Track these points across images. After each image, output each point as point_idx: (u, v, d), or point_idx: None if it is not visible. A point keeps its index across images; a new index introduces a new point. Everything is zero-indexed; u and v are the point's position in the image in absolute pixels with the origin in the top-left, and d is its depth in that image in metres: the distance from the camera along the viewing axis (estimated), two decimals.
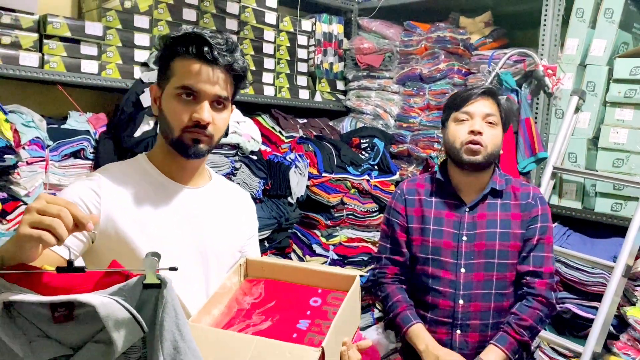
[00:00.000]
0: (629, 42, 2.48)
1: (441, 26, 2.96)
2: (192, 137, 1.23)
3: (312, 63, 3.17)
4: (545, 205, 1.81)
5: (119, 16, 2.32)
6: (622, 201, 2.30)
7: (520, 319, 1.71)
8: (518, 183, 1.86)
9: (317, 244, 2.65)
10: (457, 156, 1.77)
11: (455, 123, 1.79)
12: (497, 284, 1.75)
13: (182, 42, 1.22)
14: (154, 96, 1.28)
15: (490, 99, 1.79)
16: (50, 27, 2.09)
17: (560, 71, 2.50)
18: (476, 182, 1.81)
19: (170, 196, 1.28)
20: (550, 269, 1.76)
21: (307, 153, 2.71)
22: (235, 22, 2.71)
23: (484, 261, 1.75)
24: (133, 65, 2.36)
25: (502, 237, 1.76)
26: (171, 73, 1.23)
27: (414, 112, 3.05)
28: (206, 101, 1.22)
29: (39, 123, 2.10)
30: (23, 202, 1.99)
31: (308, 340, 1.16)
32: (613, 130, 2.33)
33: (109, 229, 1.20)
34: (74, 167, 2.16)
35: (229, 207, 1.40)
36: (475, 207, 1.79)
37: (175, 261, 1.19)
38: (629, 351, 1.99)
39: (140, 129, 2.22)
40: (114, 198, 1.21)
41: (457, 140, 1.76)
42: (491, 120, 1.77)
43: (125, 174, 1.27)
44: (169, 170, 1.30)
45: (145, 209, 1.24)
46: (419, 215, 1.83)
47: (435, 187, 1.86)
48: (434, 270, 1.78)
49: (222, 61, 1.21)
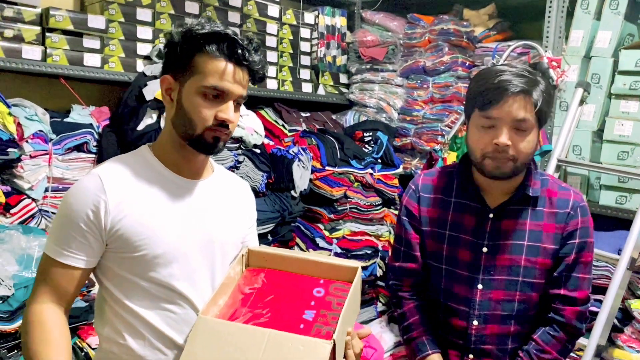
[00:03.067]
0: (634, 34, 2.46)
1: (445, 18, 2.94)
2: (214, 136, 1.22)
3: (315, 56, 3.16)
4: (586, 217, 1.50)
5: (121, 9, 2.31)
6: (626, 194, 2.29)
7: (542, 350, 1.47)
8: (556, 185, 1.53)
9: (321, 237, 2.64)
10: (479, 167, 1.46)
11: (477, 129, 1.43)
12: (519, 306, 1.49)
13: (211, 40, 1.19)
14: (167, 87, 1.25)
15: (524, 99, 1.38)
16: (53, 20, 2.09)
17: (565, 63, 2.49)
18: (504, 186, 1.50)
19: (174, 190, 1.27)
20: (585, 293, 1.48)
21: (310, 147, 2.71)
22: (238, 15, 2.70)
23: (505, 278, 1.48)
24: (136, 58, 2.35)
25: (530, 251, 1.47)
26: (195, 69, 1.20)
27: (417, 105, 3.04)
28: (231, 101, 1.22)
29: (42, 116, 2.10)
30: (27, 195, 2.00)
31: (315, 331, 1.16)
32: (618, 123, 2.31)
33: (119, 230, 1.19)
34: (77, 161, 2.16)
35: (231, 198, 1.40)
36: (501, 213, 1.50)
37: (181, 255, 1.24)
38: (633, 344, 1.99)
39: (143, 122, 2.22)
40: (119, 197, 1.20)
41: (477, 149, 1.43)
42: (524, 126, 1.39)
43: (128, 169, 1.25)
44: (175, 164, 1.28)
45: (150, 204, 1.23)
46: (434, 217, 1.56)
47: (456, 185, 1.56)
48: (447, 283, 1.54)
49: (251, 63, 1.22)
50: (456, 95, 2.84)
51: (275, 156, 2.58)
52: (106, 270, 1.24)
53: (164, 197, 1.25)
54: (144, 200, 1.22)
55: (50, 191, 2.09)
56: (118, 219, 1.18)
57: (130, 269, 1.21)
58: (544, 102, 1.40)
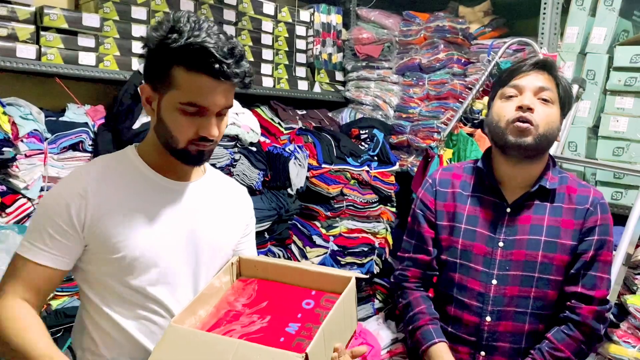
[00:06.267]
0: (629, 30, 2.47)
1: (440, 15, 2.94)
2: (197, 149, 1.18)
3: (310, 54, 3.16)
4: (606, 214, 1.50)
5: (116, 7, 2.30)
6: (622, 190, 2.30)
7: (555, 349, 1.43)
8: (575, 182, 1.54)
9: (317, 235, 2.64)
10: (501, 138, 1.47)
11: (501, 100, 1.50)
12: (535, 303, 1.47)
13: (186, 53, 1.10)
14: (147, 96, 1.19)
15: (546, 73, 1.49)
16: (47, 19, 2.08)
17: (560, 60, 2.49)
18: (523, 175, 1.51)
19: (158, 191, 1.23)
20: (603, 292, 1.46)
21: (306, 144, 2.70)
22: (233, 13, 2.70)
23: (521, 274, 1.47)
24: (131, 56, 2.34)
25: (547, 247, 1.46)
26: (173, 83, 1.13)
27: (413, 102, 3.04)
28: (213, 116, 1.16)
29: (37, 115, 2.09)
30: (22, 195, 1.99)
31: (296, 345, 1.10)
32: (613, 119, 2.32)
33: (97, 230, 1.16)
34: (72, 160, 2.16)
35: (222, 201, 1.35)
36: (518, 207, 1.50)
37: (161, 259, 1.20)
38: (629, 339, 1.99)
39: (139, 120, 2.22)
40: (99, 196, 1.17)
41: (503, 118, 1.46)
42: (545, 96, 1.46)
43: (111, 169, 1.22)
44: (161, 167, 1.24)
45: (130, 205, 1.19)
46: (451, 211, 1.56)
47: (474, 180, 1.58)
48: (461, 277, 1.52)
49: (233, 78, 1.12)
50: (452, 93, 2.85)
51: (271, 154, 2.58)
52: (86, 275, 1.21)
53: (146, 199, 1.21)
54: (124, 201, 1.19)
55: (45, 190, 2.08)
56: (97, 218, 1.16)
57: (108, 272, 1.19)
58: (565, 83, 1.51)
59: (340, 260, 2.69)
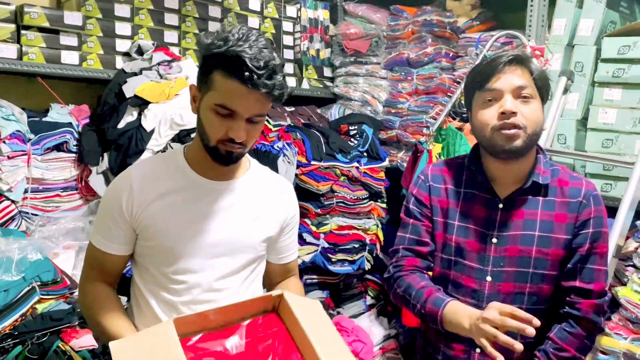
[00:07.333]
0: (616, 21, 2.46)
1: (428, 9, 2.92)
2: (226, 149, 1.27)
3: (298, 50, 3.13)
4: (600, 206, 1.47)
5: (98, 5, 2.27)
6: (612, 181, 2.29)
7: (560, 349, 1.41)
8: (567, 175, 1.51)
9: (308, 232, 2.62)
10: (490, 145, 1.44)
11: (481, 106, 1.45)
12: (530, 299, 1.45)
13: (226, 60, 1.21)
14: (193, 95, 1.31)
15: (520, 68, 1.43)
16: (28, 18, 2.04)
17: (548, 52, 2.48)
18: (514, 171, 1.48)
19: (195, 190, 1.34)
20: (601, 285, 1.44)
21: (295, 141, 2.68)
22: (219, 9, 2.67)
23: (515, 269, 1.44)
24: (115, 55, 2.32)
25: (541, 242, 1.44)
26: (211, 84, 1.24)
27: (402, 97, 3.02)
28: (242, 120, 1.24)
29: (19, 116, 2.06)
30: (5, 197, 1.96)
31: None
32: (602, 111, 2.31)
33: (142, 219, 1.31)
34: (57, 160, 2.13)
35: (259, 199, 1.42)
36: (511, 203, 1.47)
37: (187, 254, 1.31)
38: (620, 331, 1.99)
39: (123, 120, 2.19)
40: (144, 191, 1.31)
41: (486, 127, 1.43)
42: (525, 93, 1.41)
43: (157, 167, 1.36)
44: (200, 165, 1.35)
45: (168, 201, 1.32)
46: (444, 208, 1.54)
47: (465, 176, 1.55)
48: (456, 275, 1.50)
49: (262, 87, 1.21)
50: (440, 87, 2.83)
51: (259, 151, 2.56)
52: (135, 257, 1.39)
53: (183, 196, 1.33)
54: (164, 197, 1.32)
55: (29, 192, 2.05)
56: (142, 209, 1.31)
57: (147, 257, 1.35)
58: (541, 73, 1.45)
59: (331, 257, 2.67)
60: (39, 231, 2.06)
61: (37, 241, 1.93)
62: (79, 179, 2.22)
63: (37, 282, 1.82)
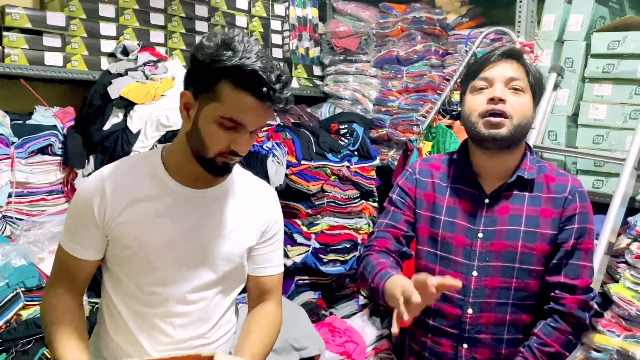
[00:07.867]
0: (605, 17, 2.45)
1: (417, 7, 2.91)
2: (224, 161, 1.22)
3: (287, 49, 3.11)
4: (585, 202, 1.48)
5: (82, 5, 2.24)
6: (603, 178, 2.28)
7: (544, 344, 1.42)
8: (554, 171, 1.52)
9: (299, 233, 2.60)
10: (475, 132, 1.45)
11: (472, 93, 1.47)
12: (516, 294, 1.45)
13: (238, 72, 1.14)
14: (185, 102, 1.22)
15: (515, 62, 1.46)
16: (9, 19, 2.01)
17: (538, 48, 2.47)
18: (500, 166, 1.49)
19: (173, 198, 1.28)
20: (586, 281, 1.44)
21: (284, 141, 2.66)
22: (206, 9, 2.64)
23: (501, 264, 1.45)
24: (100, 56, 2.29)
25: (526, 237, 1.45)
26: (217, 96, 1.16)
27: (392, 95, 3.00)
28: (247, 133, 1.20)
29: (2, 119, 2.03)
30: None
31: None
32: (592, 107, 2.30)
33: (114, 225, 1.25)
34: (41, 164, 2.10)
35: (238, 208, 1.35)
36: (497, 198, 1.48)
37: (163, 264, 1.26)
38: (613, 328, 1.98)
39: (109, 121, 2.15)
40: (116, 197, 1.25)
41: (474, 112, 1.44)
42: (517, 85, 1.43)
43: (131, 171, 1.29)
44: (181, 172, 1.28)
45: (143, 209, 1.25)
46: (430, 202, 1.54)
47: (453, 171, 1.56)
48: (442, 270, 1.49)
49: (276, 101, 1.17)
50: (430, 85, 2.81)
51: (248, 152, 2.53)
52: (105, 264, 1.33)
53: (159, 204, 1.26)
54: (138, 204, 1.25)
55: (14, 196, 2.02)
56: (114, 216, 1.25)
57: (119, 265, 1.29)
58: (535, 71, 1.48)
59: (322, 257, 2.65)
60: (24, 236, 2.03)
61: (21, 246, 1.90)
62: (65, 182, 2.19)
63: (22, 288, 1.79)
